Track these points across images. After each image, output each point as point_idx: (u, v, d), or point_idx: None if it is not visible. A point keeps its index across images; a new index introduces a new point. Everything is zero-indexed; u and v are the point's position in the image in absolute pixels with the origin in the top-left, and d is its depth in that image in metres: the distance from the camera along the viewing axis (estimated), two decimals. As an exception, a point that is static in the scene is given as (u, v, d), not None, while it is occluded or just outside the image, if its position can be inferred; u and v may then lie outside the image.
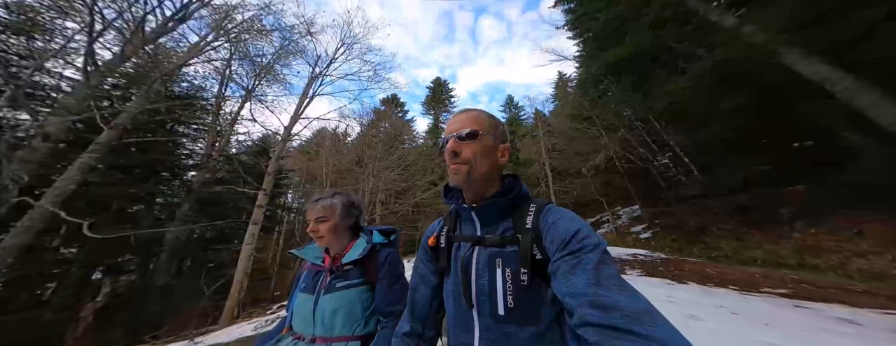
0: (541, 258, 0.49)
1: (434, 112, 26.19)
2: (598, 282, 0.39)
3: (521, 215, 0.54)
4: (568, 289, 0.41)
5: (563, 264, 0.44)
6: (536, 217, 0.52)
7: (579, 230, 0.47)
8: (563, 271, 0.43)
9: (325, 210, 0.86)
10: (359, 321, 0.78)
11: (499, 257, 0.52)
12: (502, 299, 0.49)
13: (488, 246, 0.54)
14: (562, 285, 0.42)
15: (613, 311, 0.35)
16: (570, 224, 0.48)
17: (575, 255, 0.44)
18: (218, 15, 6.93)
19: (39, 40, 6.35)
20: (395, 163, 13.55)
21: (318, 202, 0.88)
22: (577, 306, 0.38)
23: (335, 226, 0.85)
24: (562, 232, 0.47)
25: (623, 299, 0.36)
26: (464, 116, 0.59)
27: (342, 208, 0.88)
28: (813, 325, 2.01)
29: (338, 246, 0.87)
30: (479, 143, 0.55)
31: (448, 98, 27.47)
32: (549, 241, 0.48)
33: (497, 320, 0.50)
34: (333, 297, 0.79)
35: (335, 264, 0.84)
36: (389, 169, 12.87)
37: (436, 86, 27.58)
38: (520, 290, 0.49)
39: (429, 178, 14.68)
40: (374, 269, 0.83)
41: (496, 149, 0.58)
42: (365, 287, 0.82)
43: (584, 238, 0.45)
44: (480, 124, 0.57)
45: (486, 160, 0.56)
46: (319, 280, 0.84)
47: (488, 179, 0.57)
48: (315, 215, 0.86)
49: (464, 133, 0.55)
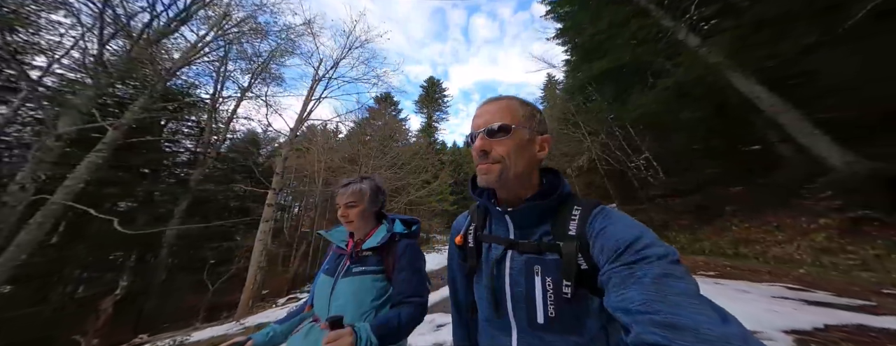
0: (586, 268, 0.43)
1: (427, 111, 26.56)
2: (663, 298, 0.32)
3: (562, 219, 0.48)
4: (621, 303, 0.35)
5: (615, 276, 0.38)
6: (582, 222, 0.46)
7: (639, 239, 0.39)
8: (615, 283, 0.37)
9: (356, 195, 0.86)
10: (368, 311, 0.75)
11: (537, 264, 0.47)
12: (542, 308, 0.45)
13: (524, 252, 0.49)
14: (614, 299, 0.36)
15: (685, 333, 0.28)
16: (624, 232, 0.41)
17: (630, 266, 0.37)
18: (217, 14, 7.10)
19: (22, 34, 6.34)
20: (389, 162, 13.89)
21: (348, 187, 0.87)
22: (632, 323, 0.32)
23: (364, 211, 0.86)
24: (614, 240, 0.41)
25: (702, 319, 0.29)
26: (493, 106, 0.51)
27: (371, 193, 0.89)
28: (718, 293, 2.79)
29: (362, 231, 0.88)
30: (513, 138, 0.48)
31: (441, 97, 27.88)
32: (599, 249, 0.42)
33: (535, 328, 0.46)
34: (350, 282, 0.78)
35: (356, 249, 0.84)
36: (383, 168, 13.22)
37: (429, 85, 27.90)
38: (562, 301, 0.44)
39: (422, 177, 15.10)
40: (393, 259, 0.82)
41: (533, 142, 0.50)
42: (380, 276, 0.80)
43: (644, 248, 0.38)
44: (513, 116, 0.49)
45: (521, 158, 0.49)
46: (340, 263, 0.84)
47: (525, 178, 0.50)
48: (346, 200, 0.85)
49: (495, 127, 0.48)
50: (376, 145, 13.25)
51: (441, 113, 27.28)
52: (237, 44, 7.73)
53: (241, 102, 9.00)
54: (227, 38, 7.46)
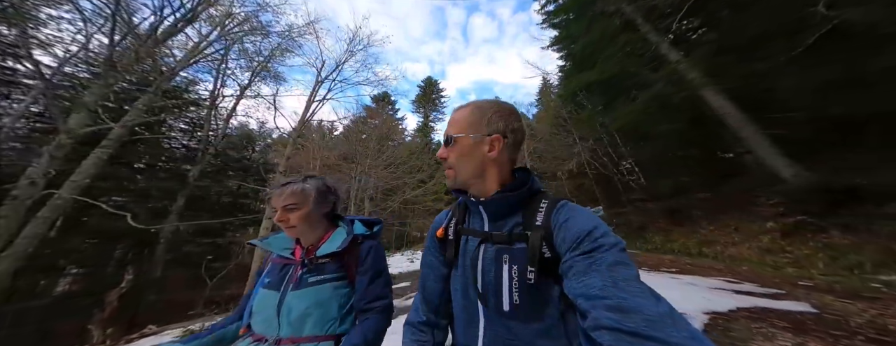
0: (550, 256, 0.47)
1: (424, 110, 26.88)
2: (615, 283, 0.37)
3: (531, 211, 0.52)
4: (581, 290, 0.39)
5: (576, 264, 0.42)
6: (548, 214, 0.51)
7: (595, 229, 0.44)
8: (576, 271, 0.41)
9: (296, 196, 0.76)
10: (333, 320, 0.70)
11: (506, 253, 0.51)
12: (508, 295, 0.48)
13: (496, 243, 0.53)
14: (574, 285, 0.40)
15: (633, 315, 0.33)
16: (584, 223, 0.46)
17: (589, 255, 0.42)
18: (221, 14, 7.29)
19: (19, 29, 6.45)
20: (386, 161, 14.16)
21: (286, 187, 0.77)
22: (590, 308, 0.37)
23: (308, 214, 0.76)
24: (575, 231, 0.46)
25: (644, 302, 0.34)
26: (454, 116, 0.59)
27: (316, 193, 0.79)
28: (671, 286, 3.30)
29: (311, 236, 0.79)
30: (457, 147, 0.56)
31: (439, 97, 28.22)
32: (561, 239, 0.47)
33: (501, 315, 0.49)
34: (304, 293, 0.70)
35: (308, 257, 0.75)
36: (380, 167, 13.49)
37: (427, 85, 28.19)
38: (526, 288, 0.47)
39: (418, 176, 15.44)
40: (355, 263, 0.76)
41: (480, 145, 0.55)
42: (342, 282, 0.74)
43: (599, 237, 0.43)
44: (459, 126, 0.56)
45: (468, 162, 0.55)
46: (287, 275, 0.74)
47: (478, 177, 0.56)
48: (283, 202, 0.75)
49: (445, 139, 0.57)
50: (374, 144, 13.49)
51: (438, 113, 27.64)
52: (238, 42, 7.93)
53: (240, 99, 9.18)
54: (229, 37, 7.65)
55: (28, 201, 4.27)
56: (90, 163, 5.12)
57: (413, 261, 8.58)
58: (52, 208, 4.65)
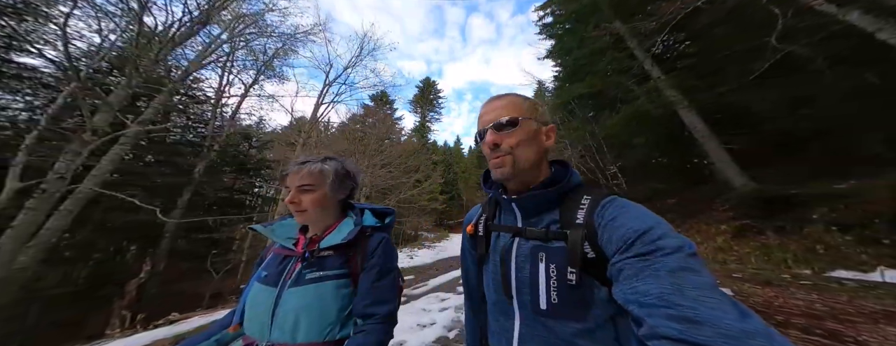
0: (593, 256, 0.43)
1: (421, 110, 27.34)
2: (679, 291, 0.31)
3: (570, 208, 0.49)
4: (634, 296, 0.34)
5: (627, 268, 0.37)
6: (590, 211, 0.47)
7: (651, 229, 0.39)
8: (628, 275, 0.36)
9: (313, 177, 0.68)
10: (332, 324, 0.61)
11: (542, 251, 0.48)
12: (545, 293, 0.46)
13: (530, 239, 0.50)
14: (625, 290, 0.36)
15: (704, 327, 0.28)
16: (636, 222, 0.41)
17: (643, 258, 0.36)
18: (232, 15, 7.65)
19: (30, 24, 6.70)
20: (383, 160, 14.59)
21: (304, 166, 0.69)
22: (646, 315, 0.32)
23: (323, 198, 0.68)
24: (624, 230, 0.40)
25: (722, 315, 0.28)
26: (498, 102, 0.55)
27: (335, 176, 0.71)
28: None
29: (320, 225, 0.71)
30: (521, 130, 0.51)
31: (436, 98, 28.74)
32: (607, 239, 0.42)
33: (538, 313, 0.46)
34: (301, 291, 0.61)
35: (310, 249, 0.67)
36: (377, 166, 13.92)
37: (425, 85, 28.65)
38: (565, 288, 0.44)
39: (415, 176, 15.94)
40: (361, 257, 0.67)
41: (540, 132, 0.53)
42: (345, 280, 0.65)
43: (657, 239, 0.37)
44: (519, 109, 0.53)
45: (531, 148, 0.52)
46: (286, 268, 0.65)
47: (536, 166, 0.53)
48: (299, 182, 0.67)
49: (503, 121, 0.51)
50: (372, 143, 13.89)
51: (434, 113, 28.18)
52: (245, 42, 8.29)
53: (245, 97, 9.52)
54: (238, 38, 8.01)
55: (56, 194, 4.61)
56: (109, 159, 5.49)
57: (412, 257, 9.15)
58: (74, 202, 5.02)
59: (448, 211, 23.01)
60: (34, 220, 4.44)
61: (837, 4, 4.67)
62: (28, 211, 4.36)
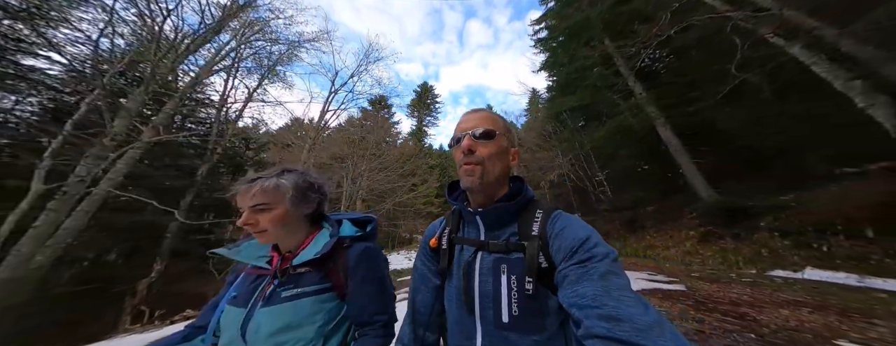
0: (546, 266, 0.48)
1: (418, 115, 27.92)
2: (607, 292, 0.38)
3: (527, 221, 0.53)
4: (575, 299, 0.40)
5: (571, 274, 0.43)
6: (543, 223, 0.52)
7: (588, 239, 0.46)
8: (571, 280, 0.43)
9: (267, 194, 0.62)
10: (312, 341, 0.58)
11: (504, 263, 0.52)
12: (507, 306, 0.49)
13: (493, 252, 0.54)
14: (568, 294, 0.42)
15: (623, 323, 0.35)
16: (578, 232, 0.48)
17: (582, 264, 0.43)
18: (241, 24, 8.11)
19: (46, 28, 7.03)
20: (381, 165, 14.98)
21: (254, 183, 0.63)
22: (583, 317, 0.38)
23: (284, 215, 0.63)
24: (570, 240, 0.47)
25: (634, 311, 0.36)
26: (478, 115, 0.59)
27: (294, 190, 0.65)
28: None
29: (292, 241, 0.67)
30: (495, 143, 0.56)
31: (434, 103, 29.39)
32: (556, 249, 0.48)
33: (500, 327, 0.49)
34: (276, 311, 0.58)
35: (283, 266, 0.64)
36: (375, 170, 14.29)
37: (422, 90, 29.29)
38: (524, 298, 0.48)
39: (412, 181, 16.38)
40: (343, 270, 0.64)
41: (508, 152, 0.58)
42: (328, 295, 0.63)
43: (592, 247, 0.45)
44: (496, 125, 0.57)
45: (499, 162, 0.56)
46: (259, 288, 0.63)
47: (500, 181, 0.57)
48: (251, 202, 0.61)
49: (479, 132, 0.55)
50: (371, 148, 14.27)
51: (431, 118, 28.80)
52: (252, 49, 8.73)
53: (248, 101, 9.91)
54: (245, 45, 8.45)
55: (76, 196, 4.94)
56: (124, 162, 5.83)
57: (410, 259, 9.58)
58: (90, 203, 5.34)
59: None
60: (55, 221, 4.76)
61: (785, 38, 5.50)
62: (49, 212, 4.70)
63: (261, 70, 9.50)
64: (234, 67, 9.26)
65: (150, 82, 5.69)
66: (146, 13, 5.90)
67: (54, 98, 7.70)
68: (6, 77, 7.29)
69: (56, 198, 4.81)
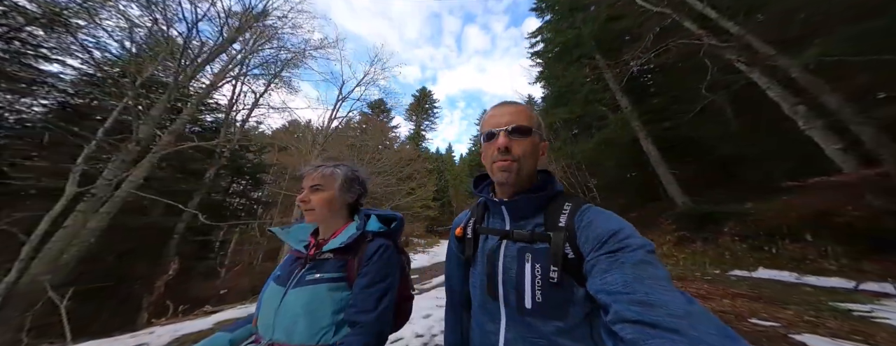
0: (573, 257, 0.49)
1: (416, 119, 28.56)
2: (639, 280, 0.38)
3: (554, 212, 0.54)
4: (603, 286, 0.40)
5: (600, 263, 0.43)
6: (571, 216, 0.53)
7: (621, 230, 0.46)
8: (600, 269, 0.43)
9: (324, 178, 0.75)
10: (326, 328, 0.63)
11: (528, 252, 0.53)
12: (530, 293, 0.50)
13: (517, 241, 0.55)
14: (596, 282, 0.42)
15: (656, 308, 0.34)
16: (608, 224, 0.48)
17: (613, 254, 0.43)
18: (253, 35, 8.65)
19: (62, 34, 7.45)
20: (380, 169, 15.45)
21: (318, 168, 0.78)
22: (612, 302, 0.37)
23: (331, 199, 0.74)
24: (599, 231, 0.47)
25: (672, 299, 0.34)
26: (513, 108, 0.59)
27: (343, 179, 0.78)
28: None
29: (329, 228, 0.77)
30: (530, 140, 0.56)
31: (432, 108, 30.13)
32: (584, 240, 0.49)
33: (523, 313, 0.51)
34: (300, 292, 0.65)
35: (313, 252, 0.72)
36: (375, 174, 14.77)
37: (421, 95, 30.02)
38: (548, 287, 0.49)
39: (410, 185, 16.87)
40: (358, 262, 0.69)
41: (540, 147, 0.59)
42: (341, 284, 0.68)
43: (625, 238, 0.45)
44: (531, 120, 0.57)
45: (533, 159, 0.57)
46: (295, 270, 0.71)
47: (531, 176, 0.58)
48: (311, 182, 0.74)
49: (518, 128, 0.55)
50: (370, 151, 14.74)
51: (429, 122, 29.48)
52: (260, 58, 9.26)
53: (255, 106, 10.40)
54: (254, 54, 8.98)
55: (105, 198, 5.35)
56: (144, 165, 6.26)
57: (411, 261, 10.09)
58: (112, 204, 5.75)
59: (439, 218, 23.96)
60: (83, 221, 5.17)
61: (747, 64, 6.33)
62: (78, 213, 5.10)
63: (268, 76, 10.02)
64: (243, 74, 9.76)
65: (173, 91, 6.17)
66: (162, 22, 6.39)
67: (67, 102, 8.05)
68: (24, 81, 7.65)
69: (85, 200, 5.22)
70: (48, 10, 6.94)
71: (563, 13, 11.94)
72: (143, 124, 5.81)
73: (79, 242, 5.30)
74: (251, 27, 8.29)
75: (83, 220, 5.20)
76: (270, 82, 10.23)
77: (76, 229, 5.11)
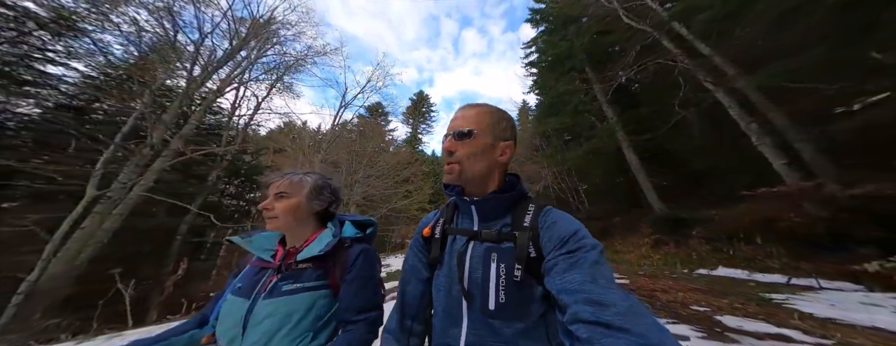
0: (535, 256, 0.53)
1: (413, 122, 29.12)
2: (593, 280, 0.43)
3: (519, 214, 0.58)
4: (563, 286, 0.44)
5: (561, 262, 0.48)
6: (535, 216, 0.57)
7: (578, 231, 0.52)
8: (560, 268, 0.47)
9: (291, 185, 0.75)
10: (305, 334, 0.65)
11: (494, 252, 0.56)
12: (494, 294, 0.53)
13: (484, 241, 0.58)
14: (556, 281, 0.46)
15: (608, 308, 0.38)
16: (569, 225, 0.54)
17: (572, 254, 0.48)
18: (259, 42, 9.09)
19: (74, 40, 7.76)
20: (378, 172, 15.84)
21: (285, 176, 0.77)
22: (571, 302, 0.41)
23: (296, 207, 0.73)
24: (561, 232, 0.52)
25: (617, 297, 0.39)
26: (465, 112, 0.63)
27: (311, 187, 0.77)
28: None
29: (297, 236, 0.76)
30: (474, 143, 0.59)
31: (429, 111, 30.75)
32: (546, 239, 0.53)
33: (486, 314, 0.53)
34: (275, 303, 0.65)
35: (287, 261, 0.71)
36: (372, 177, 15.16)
37: (419, 99, 30.62)
38: (512, 286, 0.52)
39: (407, 187, 17.32)
40: (341, 269, 0.71)
41: (494, 148, 0.60)
42: (324, 292, 0.69)
43: (582, 239, 0.50)
44: (478, 123, 0.60)
45: (479, 161, 0.59)
46: (262, 280, 0.70)
47: (484, 178, 0.61)
48: (276, 190, 0.74)
49: (461, 132, 0.59)
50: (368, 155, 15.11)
51: (427, 126, 30.07)
52: (263, 61, 9.69)
53: (257, 110, 10.79)
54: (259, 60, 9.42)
55: (118, 200, 5.71)
56: (155, 169, 6.62)
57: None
58: (125, 206, 6.10)
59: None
60: (100, 222, 5.52)
61: (713, 84, 7.15)
62: (95, 215, 5.45)
63: (271, 80, 10.44)
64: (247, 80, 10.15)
65: (184, 97, 6.58)
66: (171, 30, 6.76)
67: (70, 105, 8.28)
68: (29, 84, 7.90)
69: (101, 202, 5.58)
70: (58, 15, 7.26)
71: (557, 25, 12.80)
72: (155, 130, 6.20)
73: (93, 242, 5.64)
74: (257, 35, 8.74)
75: (100, 221, 5.55)
76: (273, 86, 10.64)
77: (93, 230, 5.46)
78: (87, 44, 7.61)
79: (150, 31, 7.17)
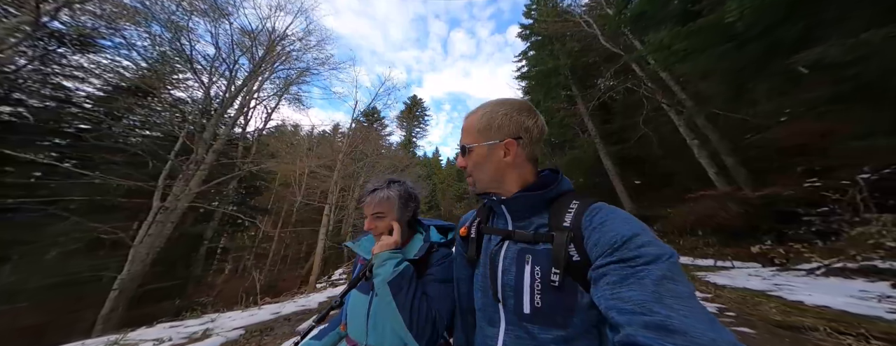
0: (578, 260, 0.47)
1: (407, 125, 30.16)
2: (659, 299, 0.35)
3: (559, 212, 0.53)
4: (614, 302, 0.38)
5: (611, 273, 0.40)
6: (578, 215, 0.51)
7: (637, 236, 0.43)
8: (610, 280, 0.40)
9: (382, 205, 0.83)
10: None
11: (529, 253, 0.53)
12: (529, 297, 0.49)
13: (519, 241, 0.56)
14: (606, 295, 0.39)
15: (676, 336, 0.31)
16: (622, 227, 0.45)
17: (627, 263, 0.40)
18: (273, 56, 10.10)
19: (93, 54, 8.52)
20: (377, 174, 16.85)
21: (375, 194, 0.84)
22: (624, 322, 0.35)
23: (395, 225, 0.83)
24: (611, 235, 0.44)
25: (696, 324, 0.32)
26: (464, 123, 0.64)
27: (399, 201, 0.85)
28: None
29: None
30: (472, 156, 0.61)
31: (423, 115, 31.94)
32: (593, 243, 0.46)
33: (521, 318, 0.50)
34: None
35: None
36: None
37: (412, 103, 31.75)
38: (549, 290, 0.48)
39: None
40: (425, 270, 0.80)
41: (495, 151, 0.59)
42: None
43: (641, 246, 0.41)
44: (471, 134, 0.61)
45: (485, 170, 0.60)
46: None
47: (499, 182, 0.60)
48: (372, 210, 0.83)
49: (462, 148, 0.63)
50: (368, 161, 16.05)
51: (420, 129, 31.25)
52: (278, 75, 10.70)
53: (268, 119, 11.80)
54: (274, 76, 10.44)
55: (177, 211, 6.67)
56: (196, 181, 7.59)
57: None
58: (176, 215, 7.07)
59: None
60: (161, 229, 6.49)
61: (667, 105, 8.95)
62: (158, 223, 6.42)
63: (280, 92, 11.41)
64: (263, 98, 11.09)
65: (219, 116, 7.59)
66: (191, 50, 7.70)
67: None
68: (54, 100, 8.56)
69: (161, 212, 6.56)
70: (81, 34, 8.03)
71: (544, 42, 14.54)
72: (198, 146, 7.17)
73: (151, 247, 6.61)
74: (274, 52, 9.75)
75: (161, 228, 6.52)
76: (281, 97, 11.60)
77: (156, 236, 6.43)
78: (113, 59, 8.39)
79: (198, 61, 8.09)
